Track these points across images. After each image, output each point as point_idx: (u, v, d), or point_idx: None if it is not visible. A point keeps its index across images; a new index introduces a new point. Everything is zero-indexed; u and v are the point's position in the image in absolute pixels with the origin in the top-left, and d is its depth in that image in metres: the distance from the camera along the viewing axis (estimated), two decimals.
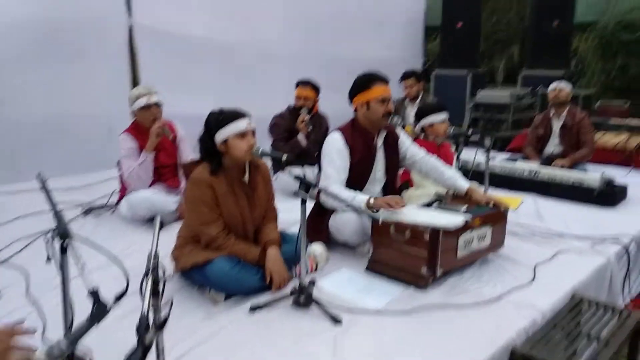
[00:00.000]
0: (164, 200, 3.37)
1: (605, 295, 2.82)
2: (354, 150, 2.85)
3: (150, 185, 3.43)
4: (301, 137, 4.09)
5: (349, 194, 2.71)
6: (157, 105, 3.40)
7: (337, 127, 2.99)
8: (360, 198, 2.69)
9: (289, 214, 2.99)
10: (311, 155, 4.19)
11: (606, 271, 2.83)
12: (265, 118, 5.66)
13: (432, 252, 2.43)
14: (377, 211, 2.57)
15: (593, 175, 3.90)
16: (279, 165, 2.28)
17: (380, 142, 2.96)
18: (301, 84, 4.20)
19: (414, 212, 2.64)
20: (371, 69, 8.18)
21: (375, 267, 2.63)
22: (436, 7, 8.97)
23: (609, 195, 3.78)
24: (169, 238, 3.09)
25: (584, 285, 2.58)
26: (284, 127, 4.12)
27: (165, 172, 3.52)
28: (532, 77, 7.45)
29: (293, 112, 4.19)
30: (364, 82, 2.86)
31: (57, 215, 1.63)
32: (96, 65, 4.93)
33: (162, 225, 3.29)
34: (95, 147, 4.88)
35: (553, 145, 4.59)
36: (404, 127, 3.13)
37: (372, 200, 2.67)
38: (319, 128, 4.25)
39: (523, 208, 3.75)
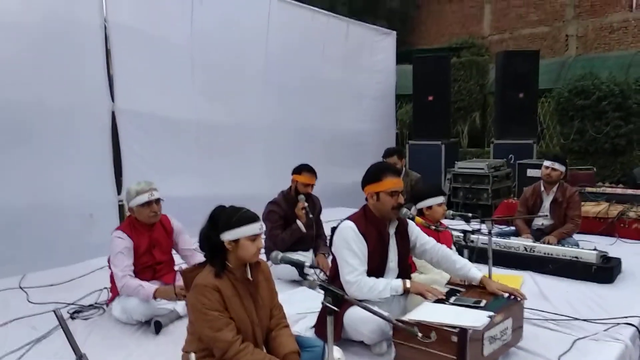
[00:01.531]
0: (161, 300, 3.17)
1: None
2: (368, 240, 2.80)
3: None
4: (300, 224, 4.01)
5: (382, 282, 2.71)
6: (158, 201, 3.28)
7: (349, 217, 2.94)
8: (395, 283, 2.71)
9: (292, 306, 2.86)
10: (308, 241, 4.11)
11: (625, 357, 2.79)
12: (246, 196, 5.64)
13: (461, 354, 2.33)
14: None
15: (589, 251, 3.95)
16: (301, 271, 2.17)
17: (392, 230, 2.92)
18: (308, 171, 4.11)
19: (435, 310, 2.56)
20: (348, 139, 8.34)
21: None
22: (402, 77, 9.34)
23: (607, 271, 3.82)
24: (170, 341, 2.93)
25: None
26: (279, 214, 4.03)
27: (160, 268, 3.35)
28: (503, 146, 7.73)
29: (288, 198, 4.11)
30: (374, 174, 2.86)
31: None
32: (76, 151, 4.79)
33: (160, 327, 3.13)
34: (76, 235, 4.66)
35: (542, 219, 4.66)
36: (413, 219, 3.10)
37: (408, 284, 2.66)
38: (313, 210, 4.19)
39: (525, 288, 3.71)
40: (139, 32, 5.26)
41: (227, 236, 2.26)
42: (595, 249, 4.00)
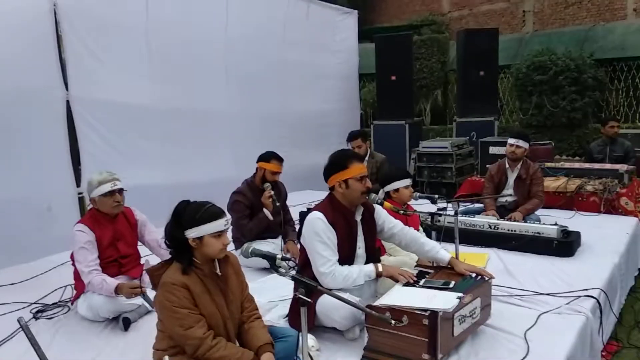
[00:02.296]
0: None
1: (588, 351, 2.89)
2: (337, 229, 2.80)
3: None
4: (267, 212, 3.96)
5: (355, 269, 2.76)
6: (121, 191, 3.18)
7: (315, 207, 2.93)
8: (367, 269, 2.78)
9: (263, 295, 2.84)
10: (276, 228, 4.08)
11: (587, 329, 2.90)
12: (213, 182, 5.56)
13: (432, 336, 2.37)
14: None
15: (550, 226, 4.07)
16: (273, 264, 2.14)
17: (358, 217, 2.93)
18: (276, 158, 4.04)
19: (406, 293, 2.59)
20: (313, 121, 8.26)
21: (372, 357, 2.53)
22: (364, 56, 9.31)
23: (567, 245, 3.94)
24: (139, 337, 2.87)
25: (574, 349, 2.63)
26: (245, 204, 3.98)
27: (125, 262, 3.26)
28: (466, 124, 7.84)
29: (253, 187, 4.05)
30: (341, 162, 2.84)
31: None
32: (29, 142, 4.58)
33: (128, 324, 3.07)
34: (34, 231, 4.49)
35: (507, 195, 4.76)
36: (381, 204, 3.11)
37: (380, 268, 2.73)
38: (279, 197, 4.15)
39: (491, 265, 3.82)
40: (91, 16, 5.03)
41: (191, 234, 2.21)
42: (555, 224, 4.12)
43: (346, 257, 2.83)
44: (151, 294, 3.08)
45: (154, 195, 5.04)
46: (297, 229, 4.31)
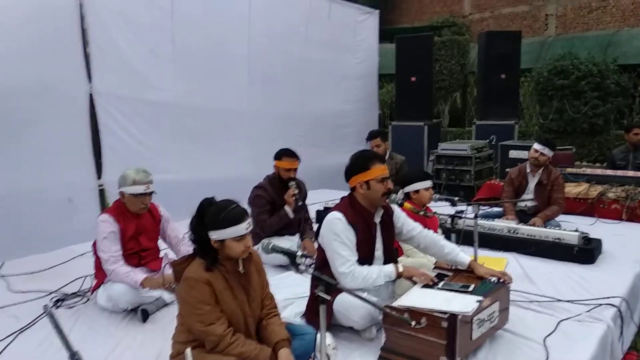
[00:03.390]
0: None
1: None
2: (356, 230, 2.79)
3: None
4: (288, 210, 3.98)
5: (375, 270, 2.75)
6: (151, 194, 3.21)
7: (334, 207, 2.92)
8: (387, 270, 2.76)
9: (280, 292, 2.84)
10: (295, 225, 4.09)
11: (608, 337, 2.85)
12: (231, 179, 5.59)
13: (451, 339, 2.36)
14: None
15: (571, 233, 4.01)
16: (293, 260, 2.15)
17: (378, 219, 2.92)
18: (289, 155, 4.05)
19: (425, 295, 2.58)
20: (331, 121, 8.24)
21: (389, 357, 2.52)
22: (384, 57, 9.28)
23: (588, 252, 3.89)
24: (157, 329, 2.90)
25: (594, 358, 2.59)
26: (266, 199, 3.99)
27: (146, 255, 3.29)
28: (485, 126, 7.78)
29: (274, 183, 4.07)
30: (362, 163, 2.83)
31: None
32: (53, 135, 4.64)
33: (147, 315, 3.10)
34: (56, 222, 4.55)
35: (527, 200, 4.70)
36: (401, 205, 3.09)
37: (401, 269, 2.71)
38: (300, 195, 4.16)
39: (510, 270, 3.73)
40: (117, 12, 5.09)
41: (213, 235, 2.22)
42: (577, 230, 4.07)
43: (364, 258, 2.83)
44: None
45: (173, 190, 5.04)
46: (314, 228, 4.32)
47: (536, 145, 4.64)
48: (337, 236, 2.74)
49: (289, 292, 3.26)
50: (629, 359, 3.24)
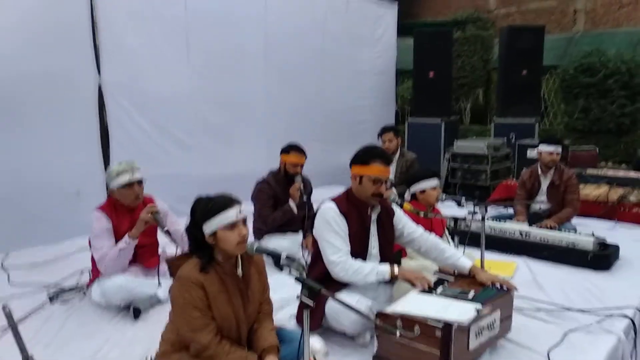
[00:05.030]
0: (141, 285, 3.08)
1: None
2: (349, 221, 2.70)
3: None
4: (292, 205, 3.89)
5: (368, 265, 2.63)
6: (140, 182, 3.14)
7: (330, 198, 2.82)
8: (381, 268, 2.62)
9: (275, 293, 2.73)
10: (298, 222, 4.01)
11: (618, 351, 2.69)
12: (244, 174, 5.52)
13: (445, 349, 2.24)
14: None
15: (586, 237, 3.83)
16: (277, 262, 2.06)
17: (374, 216, 2.81)
18: (296, 150, 3.97)
19: (420, 301, 2.46)
20: (347, 116, 8.08)
21: None
22: (404, 52, 9.09)
23: (604, 258, 3.70)
24: (148, 327, 2.85)
25: None
26: (269, 193, 3.91)
27: (142, 252, 3.23)
28: (505, 125, 7.55)
29: (278, 178, 3.99)
30: (363, 156, 2.74)
31: None
32: (61, 126, 4.63)
33: (139, 313, 3.05)
34: (62, 213, 4.55)
35: (539, 202, 4.53)
36: (401, 205, 2.97)
37: (396, 271, 2.59)
38: (305, 191, 4.08)
39: (519, 275, 3.63)
40: (128, 3, 5.04)
41: (206, 229, 2.12)
42: (592, 235, 3.88)
43: (358, 253, 2.72)
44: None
45: (185, 185, 5.05)
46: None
47: (550, 147, 4.43)
48: (329, 224, 2.65)
49: (286, 292, 3.17)
50: None
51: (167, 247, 3.46)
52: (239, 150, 6.25)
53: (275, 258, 2.04)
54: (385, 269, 2.67)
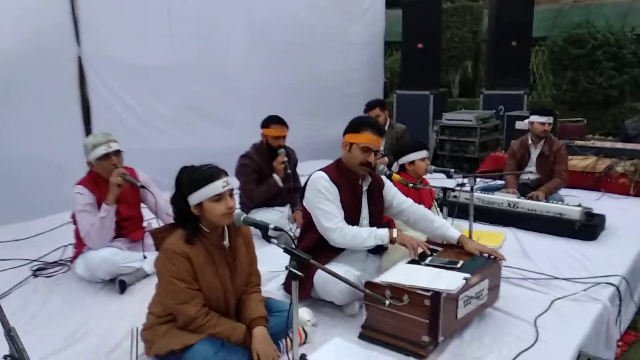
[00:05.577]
0: (126, 258, 3.03)
1: (603, 341, 2.71)
2: (340, 190, 2.67)
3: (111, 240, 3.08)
4: (277, 178, 3.84)
5: (365, 229, 2.63)
6: (118, 153, 3.07)
7: (320, 168, 2.78)
8: (380, 232, 2.62)
9: (263, 265, 2.72)
10: (284, 195, 3.96)
11: (603, 318, 2.72)
12: (230, 148, 5.44)
13: (434, 318, 2.24)
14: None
15: (573, 208, 3.84)
16: (265, 234, 2.02)
17: (365, 186, 2.77)
18: (276, 122, 3.88)
19: (409, 271, 2.45)
20: (336, 89, 7.96)
21: (370, 335, 2.41)
22: (393, 23, 8.96)
23: (590, 228, 3.72)
24: (134, 301, 2.82)
25: (587, 338, 2.46)
26: (253, 168, 3.85)
27: (127, 225, 3.17)
28: (493, 96, 7.51)
29: (262, 152, 3.92)
30: (355, 124, 2.70)
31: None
32: (41, 99, 4.51)
33: (124, 286, 3.01)
34: (44, 189, 4.46)
35: (529, 173, 4.53)
36: (390, 176, 2.94)
37: (395, 234, 2.59)
38: (290, 163, 4.01)
39: (507, 245, 3.64)
40: None
41: (192, 200, 2.08)
42: (579, 205, 3.89)
43: (350, 223, 2.69)
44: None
45: (168, 159, 4.88)
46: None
47: (542, 118, 4.40)
48: (321, 194, 2.61)
49: (274, 264, 3.13)
50: (626, 338, 3.12)
51: (153, 221, 3.42)
52: (223, 125, 6.15)
53: (263, 230, 2.00)
54: (384, 232, 2.64)
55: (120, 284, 2.91)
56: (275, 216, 3.77)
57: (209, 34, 5.82)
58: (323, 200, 2.62)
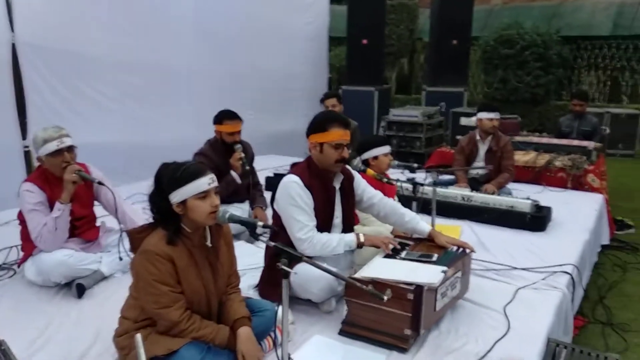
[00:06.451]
0: (83, 260, 2.82)
1: (563, 327, 2.86)
2: (314, 193, 2.62)
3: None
4: (235, 175, 3.72)
5: (335, 237, 2.60)
6: (71, 149, 2.85)
7: (291, 170, 2.73)
8: (348, 238, 2.61)
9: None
10: (243, 192, 3.86)
11: (563, 304, 2.87)
12: (172, 142, 5.24)
13: (416, 311, 2.26)
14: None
15: (523, 201, 4.02)
16: (253, 231, 1.95)
17: (337, 185, 2.75)
18: (230, 118, 3.73)
19: (388, 266, 2.46)
20: (279, 84, 7.87)
21: (350, 331, 2.40)
22: (336, 19, 9.00)
23: (540, 220, 3.91)
24: (95, 305, 2.64)
25: (553, 324, 2.59)
26: (209, 166, 3.68)
27: (81, 224, 2.95)
28: (435, 93, 7.74)
29: (216, 148, 3.78)
30: (320, 123, 2.64)
31: None
32: None
33: (83, 291, 2.82)
34: None
35: (479, 168, 4.69)
36: (364, 171, 2.93)
37: (362, 238, 2.58)
38: (247, 158, 3.91)
39: (464, 238, 3.68)
40: None
41: (174, 198, 1.97)
42: (528, 198, 4.08)
43: (323, 225, 2.66)
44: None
45: (109, 154, 4.69)
46: (264, 195, 4.11)
47: (489, 114, 4.57)
48: (294, 200, 2.55)
49: (241, 262, 3.02)
50: (576, 323, 3.29)
51: (107, 220, 3.22)
52: (164, 117, 5.91)
53: (251, 227, 1.93)
54: (351, 238, 2.64)
55: (77, 287, 2.71)
56: (238, 213, 3.65)
57: (150, 22, 5.56)
58: (295, 208, 2.56)
